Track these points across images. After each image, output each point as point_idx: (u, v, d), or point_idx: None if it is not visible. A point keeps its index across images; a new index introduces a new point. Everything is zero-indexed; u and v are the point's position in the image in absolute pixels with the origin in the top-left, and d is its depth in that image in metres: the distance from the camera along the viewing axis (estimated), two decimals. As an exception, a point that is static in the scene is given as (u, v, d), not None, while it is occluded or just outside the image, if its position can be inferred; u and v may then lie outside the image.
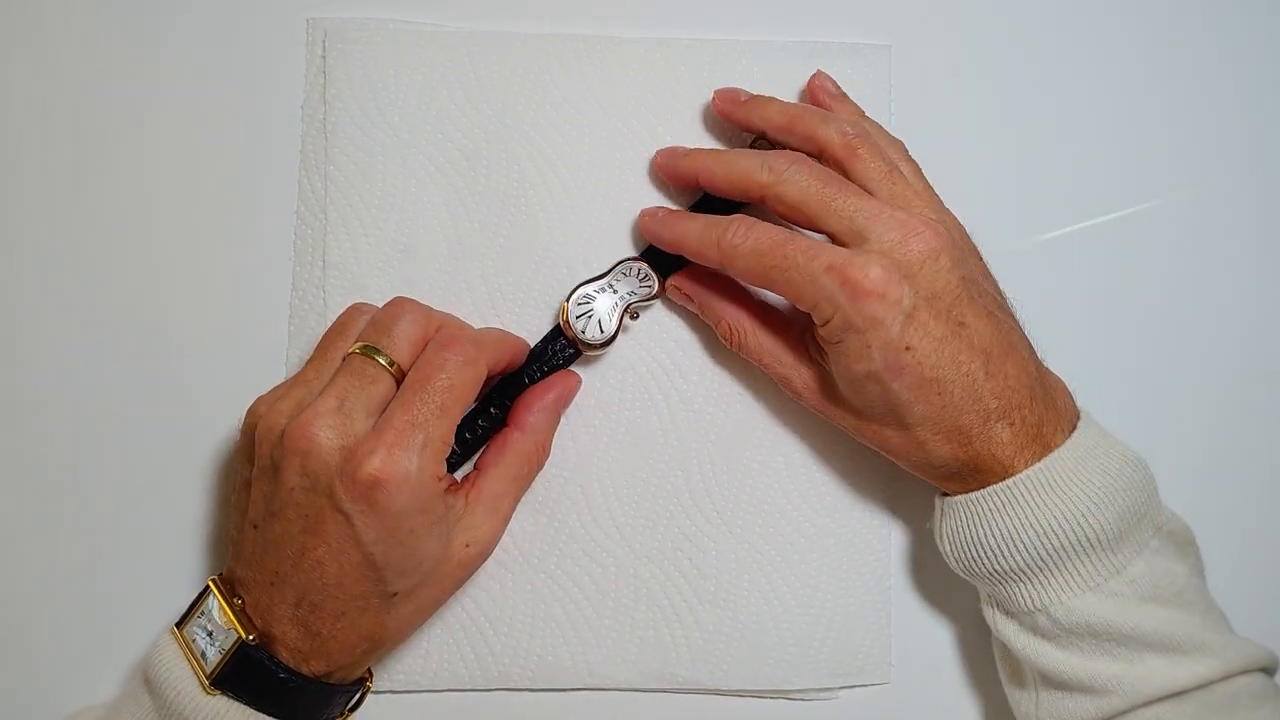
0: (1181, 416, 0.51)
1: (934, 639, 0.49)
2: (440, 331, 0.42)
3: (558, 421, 0.47)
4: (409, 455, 0.39)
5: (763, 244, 0.42)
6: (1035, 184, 0.52)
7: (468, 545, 0.42)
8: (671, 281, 0.47)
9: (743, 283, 0.46)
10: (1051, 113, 0.52)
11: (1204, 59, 0.53)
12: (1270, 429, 0.51)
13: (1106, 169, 0.52)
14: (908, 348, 0.40)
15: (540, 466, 0.46)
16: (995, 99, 0.52)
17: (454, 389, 0.40)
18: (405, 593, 0.41)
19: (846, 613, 0.48)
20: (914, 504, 0.49)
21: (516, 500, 0.45)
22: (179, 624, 0.42)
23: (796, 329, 0.46)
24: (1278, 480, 0.51)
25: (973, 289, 0.42)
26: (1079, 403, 0.44)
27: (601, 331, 0.46)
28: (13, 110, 0.50)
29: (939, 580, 0.49)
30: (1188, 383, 0.51)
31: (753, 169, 0.44)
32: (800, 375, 0.45)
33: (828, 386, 0.45)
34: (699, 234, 0.44)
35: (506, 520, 0.44)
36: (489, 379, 0.44)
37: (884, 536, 0.49)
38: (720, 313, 0.46)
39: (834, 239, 0.42)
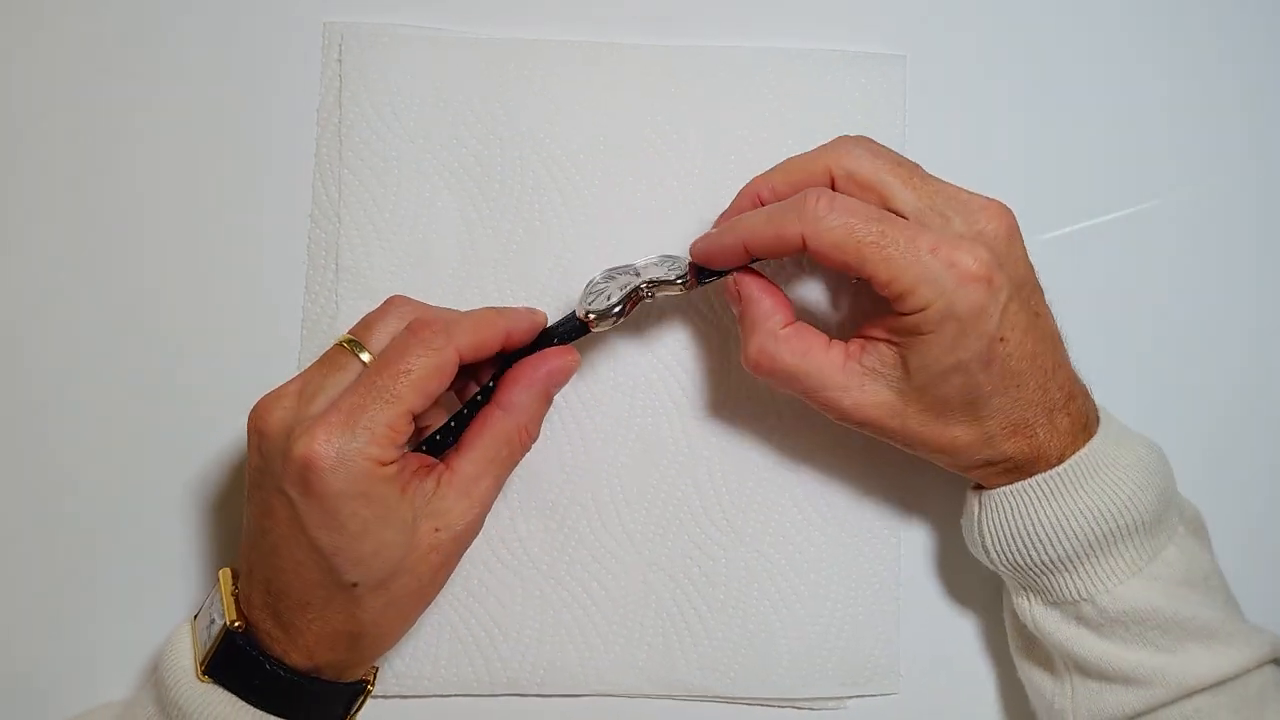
0: (1183, 416, 0.51)
1: (943, 649, 0.49)
2: (412, 320, 0.41)
3: (547, 401, 0.43)
4: (346, 437, 0.37)
5: (855, 218, 0.39)
6: (1036, 184, 0.52)
7: (436, 530, 0.40)
8: (735, 275, 0.43)
9: (821, 262, 0.40)
10: (1052, 113, 0.52)
11: (1205, 59, 0.53)
12: (1272, 429, 0.51)
13: (1107, 169, 0.52)
14: (1002, 338, 0.39)
15: (525, 449, 0.43)
16: (998, 100, 0.52)
17: (410, 374, 0.39)
18: (370, 585, 0.39)
19: (855, 622, 0.48)
20: (924, 514, 0.49)
21: (496, 483, 0.42)
22: (197, 614, 0.42)
23: (840, 347, 0.42)
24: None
25: (1035, 276, 0.41)
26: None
27: (607, 300, 0.43)
28: (17, 111, 0.49)
29: (949, 590, 0.49)
30: (1189, 382, 0.51)
31: (809, 161, 0.42)
32: (850, 395, 0.41)
33: (881, 401, 0.41)
34: (767, 217, 0.40)
35: (484, 504, 0.41)
36: (477, 363, 0.42)
37: (893, 546, 0.49)
38: (758, 319, 0.42)
39: (907, 218, 0.40)
